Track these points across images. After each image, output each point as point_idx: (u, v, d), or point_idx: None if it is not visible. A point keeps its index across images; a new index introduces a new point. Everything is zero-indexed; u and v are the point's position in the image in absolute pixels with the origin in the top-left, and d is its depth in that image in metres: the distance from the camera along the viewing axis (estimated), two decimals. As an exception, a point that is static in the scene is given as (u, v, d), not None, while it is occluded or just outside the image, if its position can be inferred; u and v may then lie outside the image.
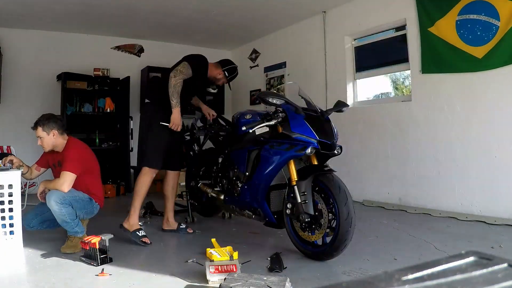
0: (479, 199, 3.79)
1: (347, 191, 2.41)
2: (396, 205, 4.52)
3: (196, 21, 5.93)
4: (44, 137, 2.95)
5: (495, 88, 3.69)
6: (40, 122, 2.95)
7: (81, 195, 2.93)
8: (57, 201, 2.71)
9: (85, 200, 2.96)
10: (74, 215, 2.83)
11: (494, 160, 3.69)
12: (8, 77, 5.71)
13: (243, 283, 1.86)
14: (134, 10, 5.33)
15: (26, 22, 5.65)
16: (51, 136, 2.95)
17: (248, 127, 2.71)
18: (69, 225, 2.80)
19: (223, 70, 3.49)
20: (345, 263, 2.45)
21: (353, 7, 5.14)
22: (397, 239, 3.13)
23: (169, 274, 2.30)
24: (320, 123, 2.60)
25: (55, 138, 2.97)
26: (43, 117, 2.99)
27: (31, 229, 3.02)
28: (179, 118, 3.14)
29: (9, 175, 2.71)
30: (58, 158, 3.04)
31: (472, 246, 2.86)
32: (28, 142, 3.27)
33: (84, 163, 2.96)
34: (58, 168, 3.01)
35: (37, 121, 2.97)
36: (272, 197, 2.82)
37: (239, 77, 3.95)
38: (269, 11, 5.54)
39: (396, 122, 4.61)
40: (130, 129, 6.43)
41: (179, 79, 3.11)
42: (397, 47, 4.76)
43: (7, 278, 2.25)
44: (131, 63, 6.79)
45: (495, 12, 3.63)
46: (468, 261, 0.48)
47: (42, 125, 2.93)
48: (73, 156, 2.90)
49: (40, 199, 2.94)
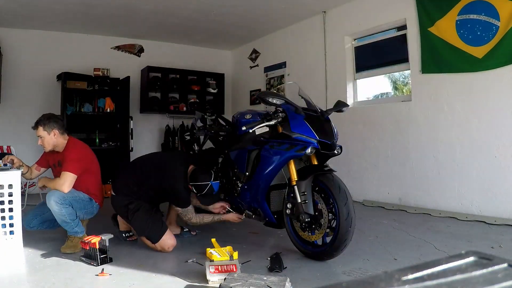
0: (479, 199, 3.79)
1: (347, 191, 2.41)
2: (396, 205, 4.52)
3: (196, 21, 5.93)
4: (45, 137, 2.95)
5: (495, 88, 3.69)
6: (41, 121, 2.95)
7: (81, 195, 2.93)
8: (57, 202, 2.71)
9: (85, 200, 2.96)
10: (74, 215, 2.83)
11: (494, 160, 3.69)
12: (8, 77, 5.71)
13: (243, 283, 1.86)
14: (134, 10, 5.33)
15: (26, 22, 5.65)
16: (52, 136, 2.96)
17: (248, 127, 2.71)
18: (69, 225, 2.80)
19: (191, 185, 2.91)
20: (345, 263, 2.45)
21: (353, 7, 5.14)
22: (397, 239, 3.13)
23: (169, 274, 2.30)
24: (320, 123, 2.59)
25: (56, 137, 2.97)
26: (43, 116, 2.99)
27: (31, 229, 3.03)
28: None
29: (9, 175, 2.71)
30: (58, 158, 3.04)
31: (472, 246, 2.86)
32: (28, 142, 3.27)
33: (84, 164, 2.97)
34: (58, 168, 3.01)
35: (38, 120, 2.98)
36: (272, 197, 2.82)
37: (239, 77, 3.93)
38: (269, 11, 5.54)
39: (396, 122, 4.61)
40: (130, 129, 6.43)
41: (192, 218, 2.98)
42: (397, 47, 4.76)
43: (7, 278, 2.25)
44: (131, 63, 6.80)
45: (495, 12, 3.63)
46: (468, 261, 0.48)
47: (43, 125, 2.94)
48: (74, 156, 2.91)
49: (40, 190, 2.98)
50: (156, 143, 7.06)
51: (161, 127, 7.09)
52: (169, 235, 2.82)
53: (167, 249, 2.79)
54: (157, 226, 2.81)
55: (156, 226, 2.81)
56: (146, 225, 2.80)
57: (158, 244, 2.78)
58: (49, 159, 3.14)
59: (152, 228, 2.79)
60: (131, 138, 6.45)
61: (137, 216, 2.81)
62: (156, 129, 7.09)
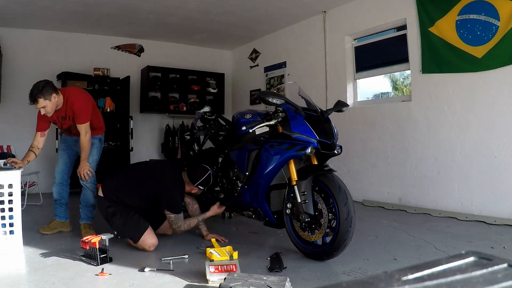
0: (479, 199, 3.79)
1: (347, 191, 2.41)
2: (396, 205, 4.52)
3: (196, 21, 5.93)
4: (47, 105, 3.02)
5: (495, 88, 3.69)
6: (37, 94, 2.97)
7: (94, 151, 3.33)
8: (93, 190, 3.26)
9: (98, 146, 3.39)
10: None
11: (494, 160, 3.69)
12: (8, 77, 5.71)
13: (243, 283, 1.86)
14: (134, 10, 5.33)
15: (26, 22, 5.65)
16: (53, 101, 3.04)
17: (248, 127, 2.71)
18: (88, 209, 3.29)
19: (197, 186, 3.06)
20: (345, 263, 2.45)
21: (353, 7, 5.14)
22: (397, 239, 3.13)
23: (169, 273, 2.30)
24: (320, 123, 2.59)
25: (57, 100, 3.07)
26: (36, 89, 2.98)
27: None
28: None
29: (9, 175, 2.71)
30: (60, 113, 3.19)
31: (472, 246, 2.86)
32: (28, 142, 3.27)
33: (90, 107, 3.24)
34: (63, 121, 3.24)
35: (34, 94, 2.97)
36: (272, 197, 2.82)
37: (239, 77, 3.93)
38: (269, 11, 5.54)
39: (396, 122, 4.61)
40: (130, 129, 6.44)
41: (181, 226, 2.95)
42: (397, 47, 4.76)
43: (7, 278, 2.25)
44: (131, 63, 6.80)
45: (495, 12, 3.63)
46: (468, 261, 0.48)
47: (42, 96, 2.97)
48: (80, 106, 3.15)
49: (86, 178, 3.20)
50: (156, 143, 7.07)
51: (161, 127, 7.09)
52: (149, 235, 2.81)
53: (148, 248, 2.79)
54: (135, 226, 2.80)
55: (134, 226, 2.80)
56: (124, 227, 2.80)
57: (139, 244, 2.80)
58: (48, 118, 3.20)
59: (131, 229, 2.79)
60: (131, 137, 6.46)
61: (115, 219, 2.83)
62: (156, 129, 7.10)
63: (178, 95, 7.10)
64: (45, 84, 3.01)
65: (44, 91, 2.97)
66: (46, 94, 2.97)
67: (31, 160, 3.12)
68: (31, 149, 3.15)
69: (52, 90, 3.02)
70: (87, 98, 3.29)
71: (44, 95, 2.97)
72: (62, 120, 3.23)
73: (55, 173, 3.38)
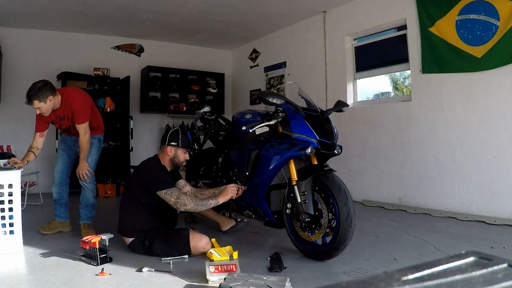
0: (478, 199, 3.79)
1: (347, 191, 2.41)
2: (396, 205, 4.52)
3: (196, 21, 5.93)
4: (42, 106, 3.02)
5: (495, 88, 3.69)
6: (33, 95, 2.96)
7: (93, 151, 3.32)
8: (93, 190, 3.35)
9: (97, 146, 3.38)
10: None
11: (494, 160, 3.69)
12: (8, 77, 5.71)
13: (243, 283, 1.86)
14: (134, 10, 5.33)
15: (26, 21, 5.65)
16: (48, 103, 3.03)
17: (248, 126, 2.71)
18: (88, 209, 3.30)
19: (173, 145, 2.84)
20: (345, 263, 2.45)
21: (353, 7, 5.14)
22: (397, 239, 3.12)
23: (169, 274, 2.30)
24: (320, 123, 2.59)
25: (53, 102, 3.06)
26: (33, 89, 2.98)
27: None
28: None
29: (9, 175, 2.71)
30: (58, 114, 3.18)
31: (472, 246, 2.86)
32: (28, 142, 3.27)
33: (89, 107, 3.24)
34: (62, 121, 3.22)
35: (30, 94, 2.97)
36: (272, 197, 2.82)
37: (239, 77, 3.92)
38: (269, 11, 5.54)
39: (396, 122, 4.61)
40: (130, 129, 6.44)
41: (188, 204, 2.65)
42: (397, 47, 4.76)
43: (7, 278, 2.25)
44: (131, 63, 6.80)
45: (495, 12, 3.63)
46: (468, 261, 0.48)
47: (37, 97, 2.97)
48: (79, 106, 3.14)
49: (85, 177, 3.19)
50: (156, 143, 7.06)
51: (161, 126, 7.09)
52: (194, 238, 2.62)
53: (203, 250, 2.57)
54: (177, 241, 2.61)
55: (177, 242, 2.61)
56: (170, 249, 2.61)
57: (194, 253, 2.61)
58: (46, 118, 3.20)
59: (175, 246, 2.61)
60: (131, 137, 6.46)
61: (156, 247, 2.63)
62: (156, 128, 7.09)
63: (178, 95, 7.10)
64: (42, 86, 3.00)
65: (40, 93, 2.96)
66: (41, 97, 2.97)
67: (31, 160, 3.13)
68: (31, 149, 3.16)
69: (48, 92, 3.00)
70: (85, 98, 3.29)
71: (39, 97, 2.96)
72: (60, 121, 3.23)
73: (54, 173, 3.38)
